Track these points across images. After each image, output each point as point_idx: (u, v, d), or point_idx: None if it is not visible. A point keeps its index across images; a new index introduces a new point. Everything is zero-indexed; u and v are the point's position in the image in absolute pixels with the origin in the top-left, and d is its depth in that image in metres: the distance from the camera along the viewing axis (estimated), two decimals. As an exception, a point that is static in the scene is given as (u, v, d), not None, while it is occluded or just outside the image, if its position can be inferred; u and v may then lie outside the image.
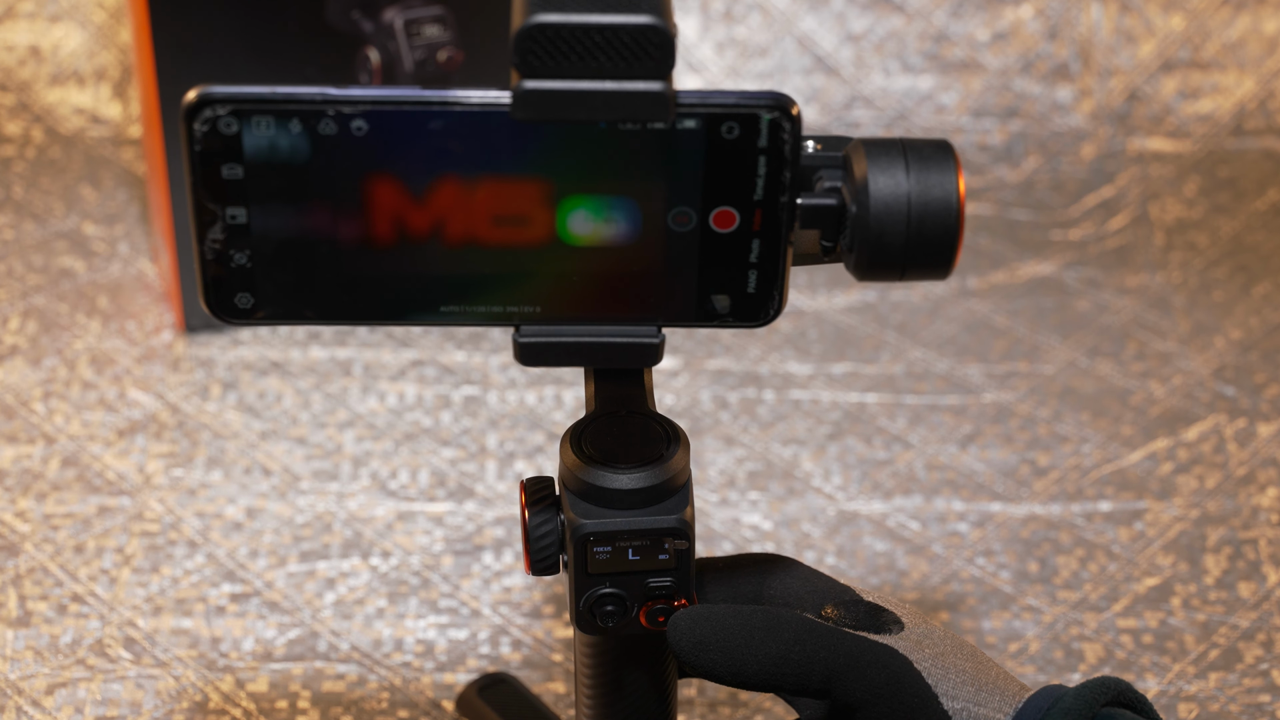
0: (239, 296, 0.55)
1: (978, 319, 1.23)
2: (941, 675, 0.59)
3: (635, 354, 0.57)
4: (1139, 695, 0.59)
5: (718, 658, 0.59)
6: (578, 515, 0.59)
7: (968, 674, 0.59)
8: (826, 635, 0.59)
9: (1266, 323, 1.23)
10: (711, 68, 1.42)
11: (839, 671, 0.58)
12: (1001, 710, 0.58)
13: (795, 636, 0.58)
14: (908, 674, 0.58)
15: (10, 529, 0.99)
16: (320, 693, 0.90)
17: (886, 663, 0.58)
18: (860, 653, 0.58)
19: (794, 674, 0.58)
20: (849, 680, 0.58)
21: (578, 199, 0.54)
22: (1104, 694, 0.58)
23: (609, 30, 0.51)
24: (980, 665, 0.60)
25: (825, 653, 0.58)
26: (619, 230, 0.55)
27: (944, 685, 0.58)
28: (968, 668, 0.59)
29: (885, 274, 0.56)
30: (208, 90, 0.52)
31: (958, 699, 0.58)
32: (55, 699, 0.88)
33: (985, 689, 0.59)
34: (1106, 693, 0.58)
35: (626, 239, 0.55)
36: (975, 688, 0.59)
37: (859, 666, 0.58)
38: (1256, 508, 1.05)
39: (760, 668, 0.58)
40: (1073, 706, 0.57)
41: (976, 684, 0.59)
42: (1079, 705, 0.57)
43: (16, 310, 1.18)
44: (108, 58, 1.39)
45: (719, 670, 0.59)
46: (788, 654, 0.58)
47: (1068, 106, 1.42)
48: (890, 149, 0.55)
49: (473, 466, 1.06)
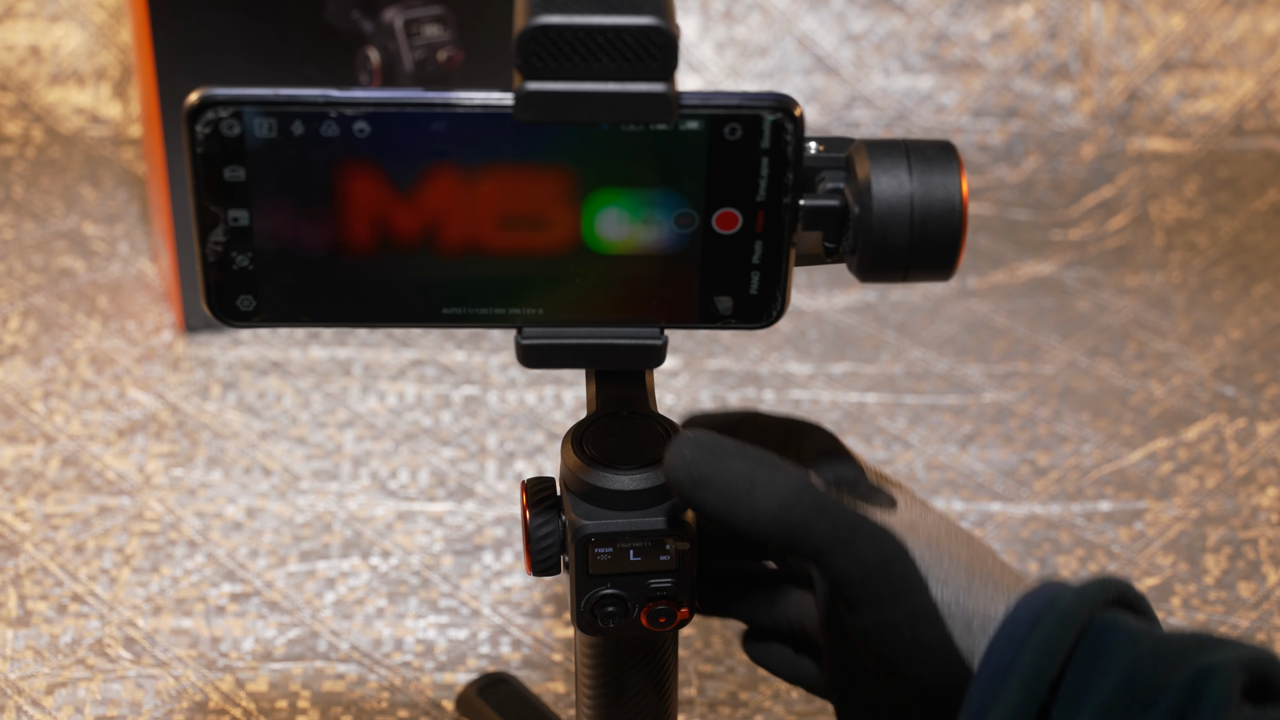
0: (241, 299, 0.55)
1: (978, 319, 1.23)
2: (934, 561, 0.57)
3: (638, 356, 0.57)
4: (1139, 595, 0.57)
5: (713, 500, 0.56)
6: (579, 516, 0.59)
7: (962, 562, 0.57)
8: (827, 505, 0.56)
9: (1266, 323, 1.23)
10: (712, 68, 1.42)
11: (832, 544, 0.56)
12: (994, 602, 0.56)
13: (795, 498, 0.56)
14: (900, 558, 0.56)
15: (10, 529, 0.99)
16: (320, 693, 0.90)
17: (882, 544, 0.56)
18: (857, 529, 0.56)
19: (786, 536, 0.56)
20: (840, 555, 0.56)
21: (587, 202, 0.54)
22: (1104, 595, 0.55)
23: (612, 31, 0.50)
24: (976, 554, 0.58)
25: (823, 523, 0.56)
26: (619, 232, 0.55)
27: (936, 571, 0.56)
28: (962, 556, 0.58)
29: (888, 275, 0.56)
30: (210, 92, 0.52)
31: (949, 586, 0.56)
32: (55, 699, 0.88)
33: (979, 578, 0.57)
34: (1107, 593, 0.55)
35: (629, 241, 0.55)
36: (968, 576, 0.57)
37: (853, 544, 0.56)
38: (1256, 508, 1.05)
39: (753, 523, 0.56)
40: (1070, 609, 0.54)
41: (970, 573, 0.57)
42: (1077, 607, 0.54)
43: (16, 310, 1.18)
44: (108, 58, 1.38)
45: (710, 512, 0.56)
46: (785, 516, 0.56)
47: (1068, 106, 1.42)
48: (893, 150, 0.55)
49: (473, 466, 1.06)
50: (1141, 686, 0.53)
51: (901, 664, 0.57)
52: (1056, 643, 0.54)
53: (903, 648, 0.56)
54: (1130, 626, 0.55)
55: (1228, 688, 0.52)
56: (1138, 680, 0.53)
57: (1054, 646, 0.54)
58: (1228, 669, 0.52)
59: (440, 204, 0.54)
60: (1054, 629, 0.54)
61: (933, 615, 0.56)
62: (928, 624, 0.56)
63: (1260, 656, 0.54)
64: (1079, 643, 0.54)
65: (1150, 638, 0.54)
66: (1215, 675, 0.52)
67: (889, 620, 0.56)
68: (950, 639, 0.56)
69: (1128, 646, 0.54)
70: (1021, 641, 0.54)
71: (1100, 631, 0.54)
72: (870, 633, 0.57)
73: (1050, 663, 0.54)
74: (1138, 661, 0.53)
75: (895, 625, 0.56)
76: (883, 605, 0.56)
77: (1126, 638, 0.54)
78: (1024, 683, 0.54)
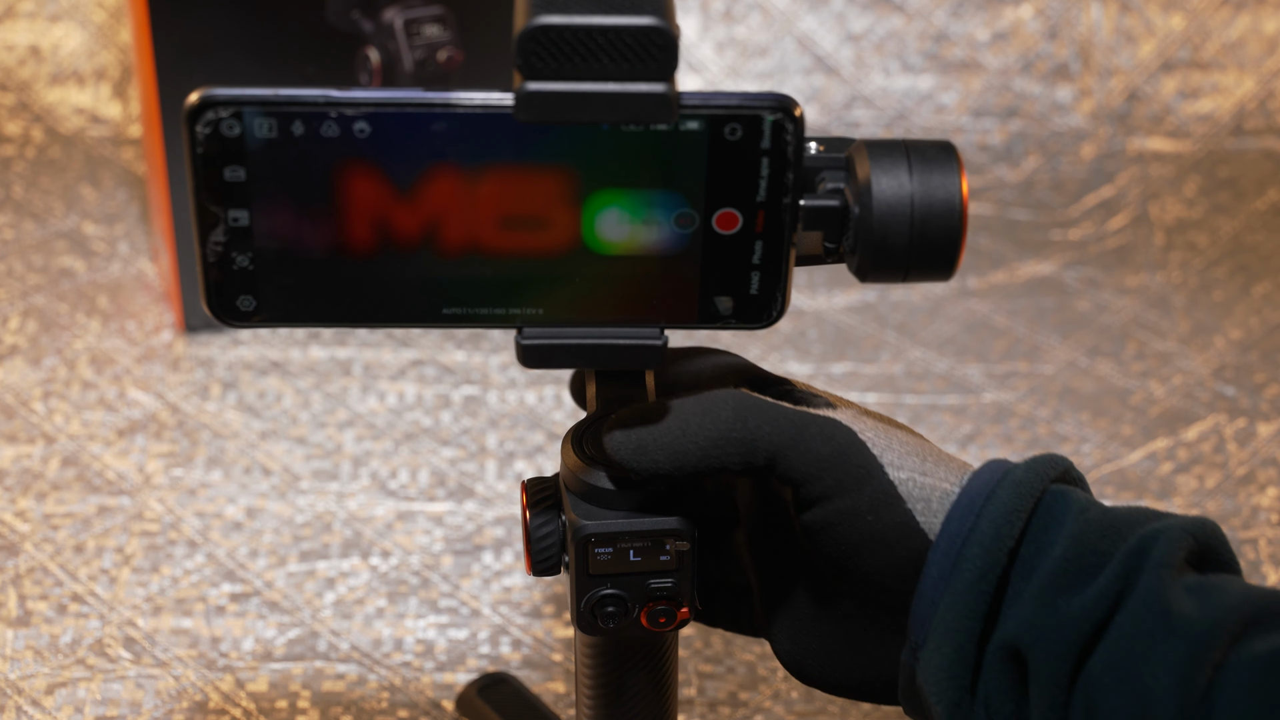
0: (241, 299, 0.55)
1: (978, 319, 1.23)
2: (886, 445, 0.57)
3: (638, 356, 0.57)
4: (1080, 474, 0.59)
5: (659, 456, 0.57)
6: (579, 516, 0.59)
7: (912, 446, 0.58)
8: (768, 409, 0.57)
9: (1266, 323, 1.23)
10: (711, 68, 1.42)
11: (783, 446, 0.56)
12: (949, 480, 0.57)
13: (734, 414, 0.57)
14: (853, 444, 0.57)
15: (10, 529, 0.99)
16: (320, 693, 0.90)
17: (832, 434, 0.57)
18: (804, 425, 0.57)
19: (737, 452, 0.56)
20: (793, 453, 0.56)
21: (587, 203, 0.54)
22: (1052, 470, 0.57)
23: (612, 32, 0.50)
24: (922, 442, 0.59)
25: (768, 427, 0.56)
26: (620, 232, 0.55)
27: (889, 455, 0.57)
28: (911, 440, 0.58)
29: (888, 275, 0.56)
30: (210, 92, 0.52)
31: (903, 469, 0.57)
32: (55, 699, 0.88)
33: (931, 459, 0.58)
34: (1054, 469, 0.57)
35: (629, 241, 0.55)
36: (921, 458, 0.57)
37: (804, 439, 0.56)
38: (1256, 508, 1.05)
39: (702, 452, 0.56)
40: (1024, 479, 0.56)
41: (922, 455, 0.58)
42: (1030, 478, 0.56)
43: (16, 310, 1.18)
44: (108, 58, 1.38)
45: (664, 466, 0.57)
46: (728, 433, 0.56)
47: (1068, 106, 1.42)
48: (893, 150, 0.55)
49: (473, 466, 1.06)
50: (1090, 553, 0.55)
51: (864, 552, 0.57)
52: (1013, 513, 0.55)
53: (865, 534, 0.57)
54: (1080, 498, 0.56)
55: (1170, 551, 0.53)
56: (1087, 548, 0.55)
57: (1011, 515, 0.55)
58: (1171, 534, 0.54)
59: (440, 204, 0.54)
60: (1010, 500, 0.55)
61: (893, 496, 0.57)
62: (889, 505, 0.57)
63: (1204, 525, 0.55)
64: (1034, 514, 0.56)
65: (1098, 509, 0.56)
66: (1159, 540, 0.54)
67: (851, 508, 0.57)
68: (912, 516, 0.57)
69: (1077, 515, 0.55)
70: (978, 512, 0.55)
71: (1052, 503, 0.56)
72: (833, 525, 0.57)
73: (1009, 531, 0.55)
74: (1086, 530, 0.55)
75: (858, 511, 0.57)
76: (843, 494, 0.57)
77: (1077, 508, 0.56)
78: (983, 551, 0.55)
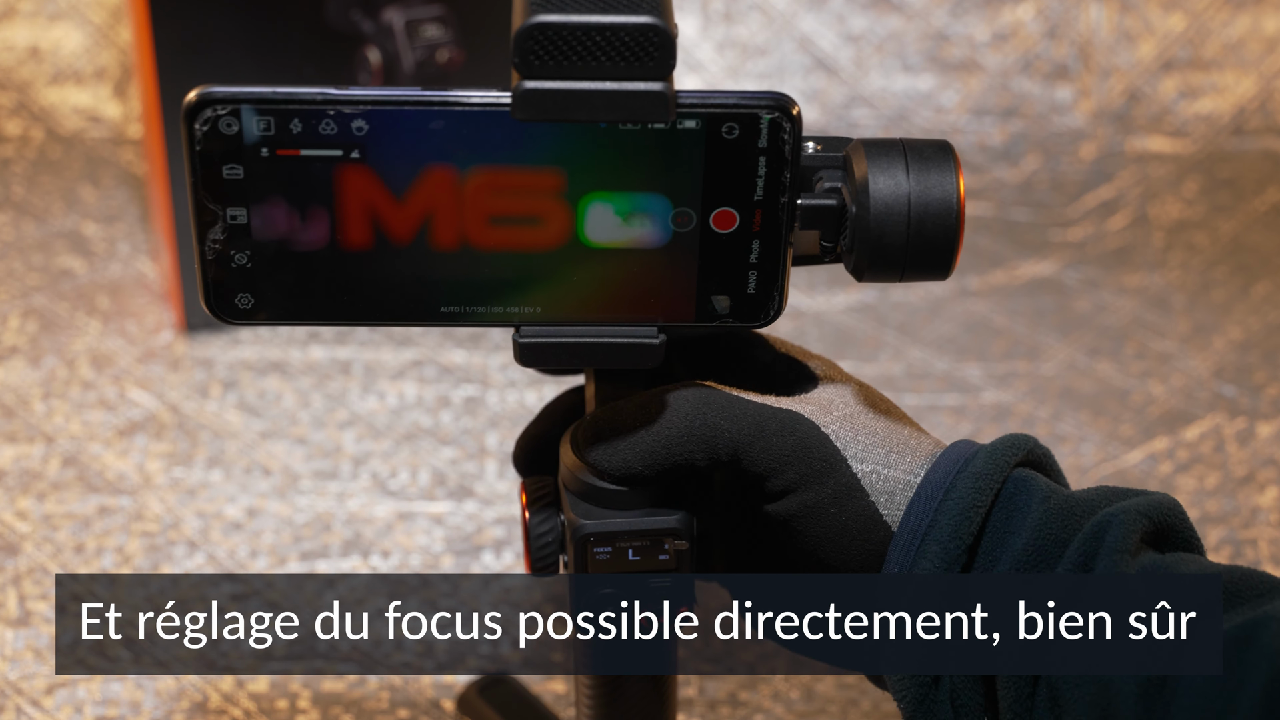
0: (239, 297, 0.55)
1: (977, 319, 1.23)
2: (851, 438, 0.57)
3: (636, 355, 0.57)
4: (1045, 450, 0.59)
5: (627, 454, 0.58)
6: (578, 516, 0.59)
7: (878, 435, 0.58)
8: (728, 405, 0.57)
9: (1266, 323, 1.23)
10: (711, 67, 1.42)
11: (744, 441, 0.57)
12: (912, 471, 0.57)
13: (694, 410, 0.57)
14: (815, 438, 0.57)
15: (10, 529, 0.99)
16: (320, 693, 0.90)
17: (792, 428, 0.57)
18: (765, 420, 0.57)
19: (700, 448, 0.57)
20: (755, 448, 0.57)
21: (582, 200, 0.54)
22: (1015, 453, 0.57)
23: (609, 30, 0.50)
24: (892, 425, 0.59)
25: (728, 423, 0.57)
26: (617, 230, 0.55)
27: (853, 448, 0.57)
28: (878, 428, 0.58)
29: (885, 275, 0.56)
30: (208, 90, 0.52)
31: (867, 461, 0.57)
32: (55, 699, 0.88)
33: (896, 450, 0.58)
34: (1017, 451, 0.57)
35: (626, 240, 0.55)
36: (885, 449, 0.58)
37: (764, 434, 0.57)
38: (1256, 508, 1.05)
39: (666, 449, 0.57)
40: (983, 469, 0.56)
41: (887, 445, 0.58)
42: (989, 468, 0.56)
43: (16, 310, 1.18)
44: (108, 58, 1.39)
45: (633, 466, 0.58)
46: (689, 430, 0.57)
47: (1067, 106, 1.42)
48: (890, 149, 0.55)
49: (473, 466, 1.06)
50: (1051, 543, 0.55)
51: (830, 545, 0.57)
52: (971, 508, 0.55)
53: (830, 527, 0.57)
54: (1041, 485, 0.56)
55: (1125, 534, 0.54)
56: (1047, 537, 0.55)
57: (970, 511, 0.55)
58: (1125, 517, 0.54)
59: (437, 202, 0.54)
60: (968, 494, 0.56)
61: (856, 489, 0.57)
62: (852, 499, 0.57)
63: (1161, 503, 0.56)
64: (995, 505, 0.56)
65: (1059, 495, 0.56)
66: (1113, 524, 0.54)
67: (814, 501, 0.57)
68: (876, 510, 0.57)
69: (1039, 504, 0.56)
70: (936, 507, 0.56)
71: (1014, 493, 0.56)
72: (798, 517, 0.57)
73: (968, 527, 0.55)
74: (1047, 518, 0.55)
75: (821, 505, 0.57)
76: (806, 488, 0.57)
77: (1039, 496, 0.56)
78: (942, 549, 0.55)
